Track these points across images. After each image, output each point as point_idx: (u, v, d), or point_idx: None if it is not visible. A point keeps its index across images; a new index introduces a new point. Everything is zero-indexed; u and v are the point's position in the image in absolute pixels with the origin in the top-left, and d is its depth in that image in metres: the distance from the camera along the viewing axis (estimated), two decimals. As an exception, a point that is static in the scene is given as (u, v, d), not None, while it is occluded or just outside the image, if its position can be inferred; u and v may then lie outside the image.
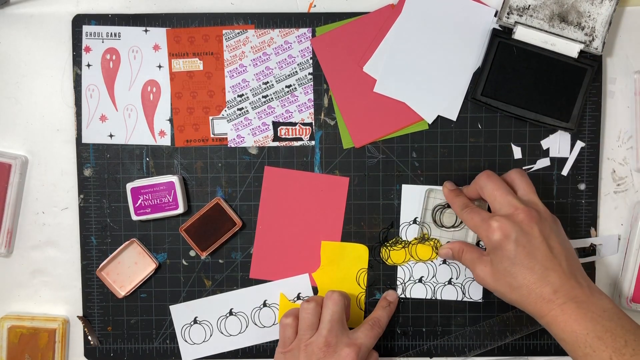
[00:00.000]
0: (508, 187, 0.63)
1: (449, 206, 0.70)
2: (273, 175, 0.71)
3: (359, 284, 0.72)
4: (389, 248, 0.72)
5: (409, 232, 0.71)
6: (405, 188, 0.71)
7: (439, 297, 0.72)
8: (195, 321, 0.72)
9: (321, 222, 0.71)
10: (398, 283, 0.72)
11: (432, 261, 0.72)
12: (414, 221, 0.71)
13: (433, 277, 0.72)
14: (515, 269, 0.59)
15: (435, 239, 0.71)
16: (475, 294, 0.72)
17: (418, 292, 0.72)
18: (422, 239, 0.71)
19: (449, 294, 0.72)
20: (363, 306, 0.72)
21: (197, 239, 0.70)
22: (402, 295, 0.72)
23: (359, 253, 0.72)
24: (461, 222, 0.70)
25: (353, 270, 0.72)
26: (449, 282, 0.72)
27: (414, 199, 0.71)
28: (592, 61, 0.68)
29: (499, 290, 0.62)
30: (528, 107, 0.69)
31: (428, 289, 0.72)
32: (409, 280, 0.72)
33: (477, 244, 0.70)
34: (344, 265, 0.72)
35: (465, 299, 0.72)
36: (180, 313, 0.72)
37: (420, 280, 0.72)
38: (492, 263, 0.61)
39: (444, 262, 0.72)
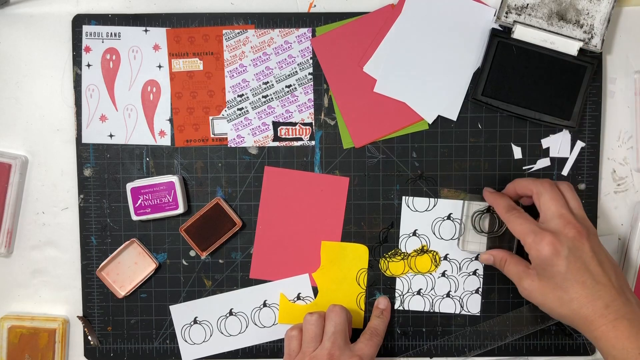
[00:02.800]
0: (564, 200, 0.62)
1: (487, 211, 0.69)
2: (273, 175, 0.71)
3: (359, 284, 0.72)
4: (387, 259, 0.71)
5: (408, 244, 0.71)
6: (405, 200, 0.71)
7: (437, 310, 0.72)
8: (195, 321, 0.72)
9: (321, 222, 0.71)
10: (396, 295, 0.72)
11: (430, 274, 0.72)
12: (414, 233, 0.71)
13: (432, 289, 0.72)
14: (567, 284, 0.59)
15: (435, 251, 0.71)
16: (474, 307, 0.72)
17: (416, 304, 0.72)
18: (422, 251, 0.71)
19: (447, 306, 0.72)
20: (363, 306, 0.72)
21: (197, 239, 0.70)
22: (400, 308, 0.72)
23: (359, 253, 0.71)
24: (501, 227, 0.69)
25: (353, 270, 0.72)
26: (448, 294, 0.72)
27: (414, 211, 0.71)
28: (592, 59, 0.68)
29: (547, 305, 0.61)
30: (529, 106, 0.69)
31: (426, 302, 0.72)
32: (407, 292, 0.72)
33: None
34: (344, 265, 0.72)
35: (463, 312, 0.72)
36: (180, 313, 0.72)
37: (418, 293, 0.72)
38: (540, 277, 0.61)
39: (443, 274, 0.72)
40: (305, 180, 0.71)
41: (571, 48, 0.68)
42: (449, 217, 0.71)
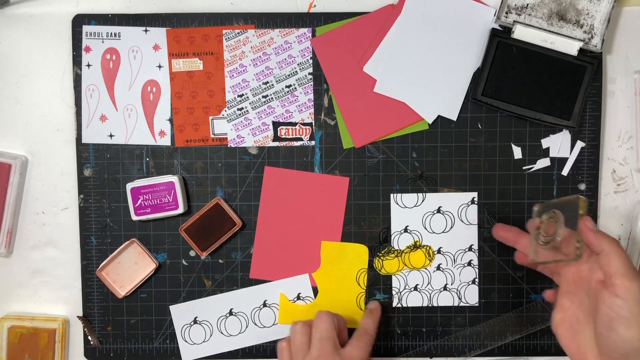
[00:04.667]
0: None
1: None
2: (273, 175, 0.71)
3: (359, 284, 0.72)
4: (381, 258, 0.71)
5: (401, 241, 0.71)
6: (394, 197, 0.71)
7: (435, 304, 0.72)
8: (195, 321, 0.72)
9: (321, 222, 0.71)
10: (393, 292, 0.72)
11: (425, 268, 0.72)
12: (405, 230, 0.71)
13: (428, 284, 0.72)
14: None
15: (428, 246, 0.71)
16: (472, 298, 0.72)
17: (414, 300, 0.72)
18: (415, 246, 0.71)
19: (445, 300, 0.72)
20: (363, 306, 0.72)
21: (197, 239, 0.70)
22: (399, 305, 0.72)
23: (359, 253, 0.71)
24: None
25: (353, 270, 0.72)
26: (445, 288, 0.72)
27: (403, 207, 0.71)
28: (592, 59, 0.68)
29: None
30: (529, 106, 0.69)
31: (424, 297, 0.72)
32: (404, 289, 0.72)
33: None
34: (344, 265, 0.71)
35: (462, 304, 0.72)
36: (180, 313, 0.72)
37: (415, 288, 0.72)
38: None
39: (438, 268, 0.71)
40: (305, 180, 0.71)
41: (571, 48, 0.68)
42: (438, 211, 0.71)
